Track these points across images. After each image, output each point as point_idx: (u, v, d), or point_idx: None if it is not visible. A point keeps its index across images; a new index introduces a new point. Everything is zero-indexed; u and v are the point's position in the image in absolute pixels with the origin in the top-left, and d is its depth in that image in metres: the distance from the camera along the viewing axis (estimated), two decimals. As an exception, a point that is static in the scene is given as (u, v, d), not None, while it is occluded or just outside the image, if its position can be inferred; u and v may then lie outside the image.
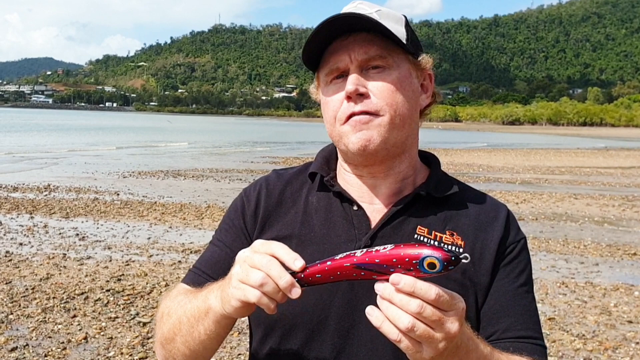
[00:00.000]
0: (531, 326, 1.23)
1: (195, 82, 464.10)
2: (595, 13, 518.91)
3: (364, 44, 1.19)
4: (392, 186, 1.27)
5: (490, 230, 1.26)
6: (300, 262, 0.97)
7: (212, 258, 1.33)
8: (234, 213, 1.36)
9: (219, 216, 10.99)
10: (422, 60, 1.26)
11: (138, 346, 4.92)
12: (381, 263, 0.91)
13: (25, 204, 11.66)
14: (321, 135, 58.26)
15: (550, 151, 39.57)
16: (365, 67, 1.19)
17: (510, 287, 1.23)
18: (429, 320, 0.89)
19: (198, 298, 1.16)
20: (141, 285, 6.56)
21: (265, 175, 1.40)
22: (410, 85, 1.23)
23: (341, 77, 1.21)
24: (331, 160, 1.36)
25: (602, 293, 6.82)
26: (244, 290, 0.99)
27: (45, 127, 62.62)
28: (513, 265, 1.25)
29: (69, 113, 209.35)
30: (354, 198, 1.27)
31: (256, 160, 26.09)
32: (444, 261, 0.87)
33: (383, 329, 0.91)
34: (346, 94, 1.18)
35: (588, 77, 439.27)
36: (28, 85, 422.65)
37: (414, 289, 0.88)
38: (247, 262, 1.00)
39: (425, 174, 1.33)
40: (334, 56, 1.21)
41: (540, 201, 14.31)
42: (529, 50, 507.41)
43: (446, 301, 0.90)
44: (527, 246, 1.32)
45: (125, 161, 23.26)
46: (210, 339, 1.14)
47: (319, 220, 1.28)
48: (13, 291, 6.20)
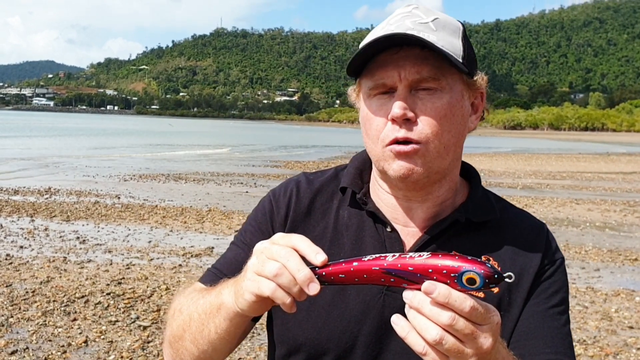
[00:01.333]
0: (562, 350, 1.16)
1: (196, 86, 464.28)
2: (597, 18, 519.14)
3: (417, 62, 1.09)
4: (430, 210, 1.21)
5: (530, 255, 1.21)
6: (322, 256, 0.91)
7: (234, 260, 1.26)
8: (262, 216, 1.30)
9: (219, 220, 10.99)
10: (477, 80, 1.18)
11: (138, 350, 4.91)
12: (415, 272, 0.84)
13: (26, 207, 11.66)
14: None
15: (551, 156, 39.53)
16: (416, 87, 1.10)
17: (540, 307, 1.18)
18: (461, 333, 0.83)
19: (211, 294, 1.11)
20: (142, 289, 6.55)
21: (296, 179, 1.33)
22: (461, 110, 1.15)
23: (386, 93, 1.12)
24: (364, 172, 1.29)
25: (603, 298, 6.80)
26: (258, 283, 0.94)
27: (61, 131, 62.20)
28: (546, 285, 1.20)
29: (71, 116, 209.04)
30: (388, 219, 1.21)
31: (257, 164, 26.10)
32: (485, 278, 0.81)
33: (409, 340, 0.85)
34: (391, 117, 1.09)
35: (590, 82, 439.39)
36: (29, 88, 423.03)
37: (449, 299, 0.82)
38: (265, 253, 0.95)
39: (464, 193, 1.26)
40: (382, 70, 1.11)
41: (542, 206, 14.30)
42: (530, 55, 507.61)
43: (481, 314, 0.83)
44: (564, 266, 1.26)
45: (133, 164, 23.27)
46: (221, 338, 1.09)
47: (349, 239, 1.23)
48: (13, 294, 6.19)
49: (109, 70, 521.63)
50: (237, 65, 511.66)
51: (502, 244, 1.22)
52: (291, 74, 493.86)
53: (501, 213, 1.26)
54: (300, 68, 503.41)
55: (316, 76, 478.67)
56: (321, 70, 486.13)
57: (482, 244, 1.20)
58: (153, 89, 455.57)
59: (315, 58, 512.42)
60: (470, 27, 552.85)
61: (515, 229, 1.25)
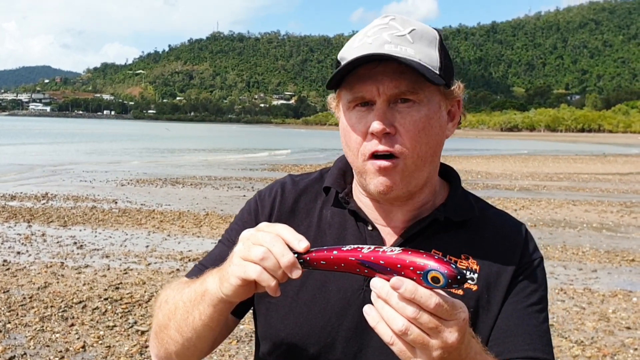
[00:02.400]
0: (540, 347, 1.18)
1: (193, 90, 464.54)
2: (593, 20, 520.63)
3: (394, 76, 1.11)
4: (410, 213, 1.24)
5: (508, 254, 1.24)
6: (304, 243, 0.96)
7: (219, 256, 1.27)
8: (247, 215, 1.34)
9: (217, 224, 10.98)
10: (454, 90, 1.20)
11: (136, 355, 4.91)
12: (385, 265, 0.88)
13: (23, 213, 11.64)
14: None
15: (548, 157, 39.60)
16: (394, 101, 1.13)
17: (520, 305, 1.20)
18: (425, 327, 0.86)
19: (196, 282, 1.14)
20: (139, 294, 6.54)
21: (281, 180, 1.37)
22: (438, 121, 1.17)
23: (365, 105, 1.14)
24: (347, 173, 1.32)
25: (601, 299, 6.81)
26: (244, 267, 0.98)
27: (58, 136, 61.89)
28: (525, 283, 1.22)
29: (68, 121, 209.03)
30: (370, 218, 1.24)
31: (255, 167, 26.09)
32: (448, 278, 0.84)
33: (378, 329, 0.89)
34: (371, 131, 1.12)
35: (586, 83, 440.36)
36: (26, 93, 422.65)
37: (415, 295, 0.85)
38: (251, 239, 0.99)
39: (444, 194, 1.29)
40: (360, 84, 1.13)
41: (539, 208, 14.31)
42: (526, 56, 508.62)
43: (446, 311, 0.87)
44: (543, 265, 1.28)
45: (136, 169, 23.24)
46: (205, 325, 1.11)
47: (331, 237, 1.26)
48: (11, 300, 6.18)
49: (106, 75, 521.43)
50: (233, 69, 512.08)
51: (481, 242, 1.24)
52: (288, 77, 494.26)
53: (480, 212, 1.28)
54: (297, 71, 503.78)
55: (313, 79, 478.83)
56: (318, 73, 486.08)
57: (461, 243, 1.23)
58: (150, 93, 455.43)
59: (312, 61, 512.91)
60: (467, 29, 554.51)
61: (495, 228, 1.27)
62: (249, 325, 5.40)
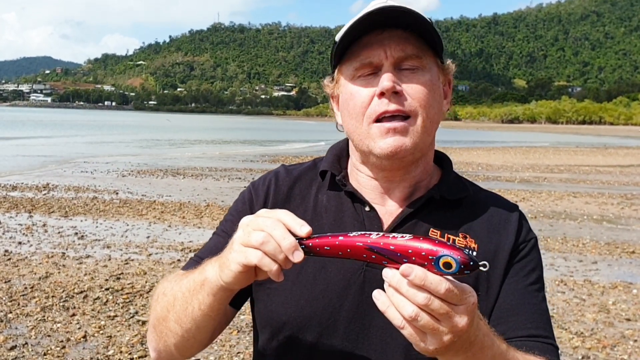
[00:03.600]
0: (542, 325, 1.20)
1: (194, 81, 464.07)
2: (594, 11, 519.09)
3: (400, 41, 1.14)
4: (406, 190, 1.25)
5: (504, 233, 1.25)
6: (306, 227, 0.95)
7: (215, 248, 1.26)
8: (241, 205, 1.34)
9: (218, 215, 10.99)
10: (447, 66, 1.25)
11: (137, 345, 4.92)
12: (395, 251, 0.88)
13: (24, 203, 11.65)
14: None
15: (549, 149, 39.56)
16: (399, 66, 1.15)
17: (519, 285, 1.22)
18: (436, 313, 0.87)
19: (195, 272, 1.12)
20: (140, 284, 6.56)
21: (275, 170, 1.38)
22: (439, 90, 1.21)
23: (370, 74, 1.16)
24: (342, 158, 1.33)
25: (601, 291, 6.83)
26: (245, 252, 0.96)
27: (61, 127, 61.62)
28: (523, 263, 1.24)
29: (69, 112, 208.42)
30: (367, 199, 1.25)
31: (255, 159, 26.09)
32: (461, 264, 0.84)
33: (388, 314, 0.89)
34: (380, 90, 1.13)
35: (587, 75, 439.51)
36: (27, 84, 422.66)
37: (425, 282, 0.85)
38: (251, 225, 0.98)
39: (438, 176, 1.31)
40: (367, 50, 1.15)
41: (539, 200, 14.31)
42: (528, 48, 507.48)
43: (456, 296, 0.87)
44: (538, 246, 1.30)
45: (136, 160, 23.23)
46: (204, 314, 1.10)
47: (328, 220, 1.26)
48: (12, 290, 6.20)
49: (106, 66, 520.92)
50: (234, 60, 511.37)
51: (477, 221, 1.26)
52: (289, 68, 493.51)
53: (475, 193, 1.31)
54: (297, 63, 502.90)
55: (314, 71, 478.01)
56: (319, 64, 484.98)
57: (457, 221, 1.24)
58: (150, 84, 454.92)
59: (312, 53, 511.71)
60: (468, 21, 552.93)
61: (490, 207, 1.29)
62: (249, 315, 5.41)
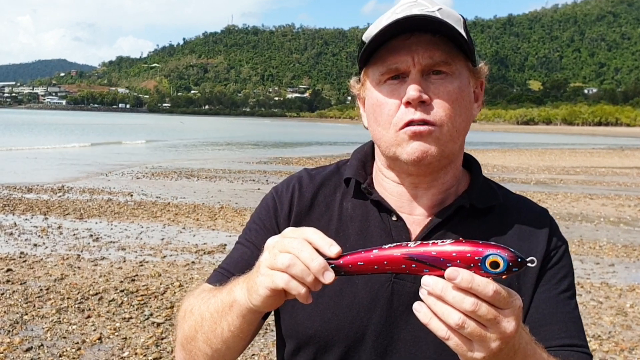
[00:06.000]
0: (575, 334, 1.17)
1: (207, 83, 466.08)
2: (611, 12, 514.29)
3: (429, 47, 1.11)
4: (434, 197, 1.21)
5: (534, 240, 1.22)
6: (336, 247, 0.90)
7: (241, 259, 1.25)
8: (265, 213, 1.29)
9: (232, 217, 11.01)
10: (479, 68, 1.21)
11: (152, 346, 4.93)
12: (438, 256, 0.84)
13: (40, 205, 11.74)
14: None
15: (565, 151, 39.27)
16: (427, 72, 1.12)
17: (552, 293, 1.19)
18: (484, 319, 0.83)
19: (222, 292, 1.09)
20: (155, 286, 6.58)
21: (297, 175, 1.33)
22: (469, 96, 1.17)
23: (397, 78, 1.13)
24: (367, 163, 1.29)
25: (618, 294, 6.75)
26: (272, 276, 0.93)
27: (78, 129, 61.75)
28: (554, 271, 1.21)
29: (89, 115, 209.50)
30: (393, 208, 1.21)
31: (269, 161, 26.13)
32: (509, 261, 0.81)
33: (431, 326, 0.85)
34: (406, 100, 1.10)
35: (603, 76, 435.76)
36: (42, 86, 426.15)
37: (472, 284, 0.81)
38: (277, 247, 0.94)
39: (466, 182, 1.27)
40: (394, 55, 1.12)
41: (555, 201, 14.20)
42: (543, 49, 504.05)
43: (504, 298, 0.83)
44: (569, 252, 1.27)
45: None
46: (234, 336, 1.08)
47: (354, 230, 1.22)
48: (28, 292, 6.24)
49: (121, 69, 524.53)
50: (248, 62, 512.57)
51: (507, 229, 1.22)
52: (302, 70, 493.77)
53: (504, 199, 1.27)
54: (311, 65, 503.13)
55: (327, 73, 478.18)
56: (332, 66, 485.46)
57: (487, 230, 1.21)
58: (164, 86, 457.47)
59: (326, 54, 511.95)
60: (483, 22, 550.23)
61: (519, 214, 1.25)
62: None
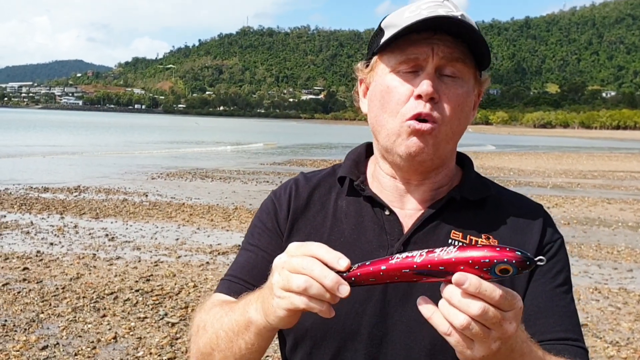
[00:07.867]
0: (570, 328, 1.18)
1: (223, 84, 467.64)
2: (630, 15, 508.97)
3: (449, 44, 1.13)
4: (426, 193, 1.24)
5: (528, 233, 1.22)
6: (345, 261, 0.91)
7: (247, 263, 1.27)
8: (266, 215, 1.32)
9: (246, 218, 11.02)
10: (484, 79, 1.24)
11: (167, 346, 4.94)
12: (446, 270, 0.85)
13: (56, 205, 11.83)
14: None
15: (582, 155, 38.93)
16: (441, 71, 1.14)
17: (547, 287, 1.19)
18: (489, 322, 0.85)
19: (235, 311, 1.11)
20: (170, 286, 6.60)
21: (294, 178, 1.37)
22: (470, 102, 1.20)
23: (411, 72, 1.15)
24: (360, 163, 1.33)
25: (637, 299, 6.66)
26: (289, 299, 0.94)
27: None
28: (549, 265, 1.21)
29: (106, 115, 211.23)
30: (386, 202, 1.24)
31: (283, 162, 26.18)
32: (518, 267, 0.82)
33: (433, 321, 0.88)
34: (419, 93, 1.12)
35: (622, 79, 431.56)
36: (58, 87, 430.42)
37: (479, 289, 0.83)
38: (286, 267, 0.94)
39: (459, 177, 1.29)
40: (415, 46, 1.14)
41: (572, 205, 14.06)
42: (561, 52, 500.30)
43: (508, 302, 0.85)
44: (565, 246, 1.27)
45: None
46: (252, 352, 1.10)
47: (349, 225, 1.25)
48: (44, 290, 6.28)
49: (137, 70, 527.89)
50: (263, 63, 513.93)
51: (500, 221, 1.23)
52: (317, 72, 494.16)
53: (498, 193, 1.29)
54: (326, 66, 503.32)
55: (342, 74, 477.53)
56: (347, 68, 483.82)
57: (480, 222, 1.22)
58: (180, 87, 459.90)
59: (341, 56, 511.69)
60: (500, 24, 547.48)
61: (513, 207, 1.26)
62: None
